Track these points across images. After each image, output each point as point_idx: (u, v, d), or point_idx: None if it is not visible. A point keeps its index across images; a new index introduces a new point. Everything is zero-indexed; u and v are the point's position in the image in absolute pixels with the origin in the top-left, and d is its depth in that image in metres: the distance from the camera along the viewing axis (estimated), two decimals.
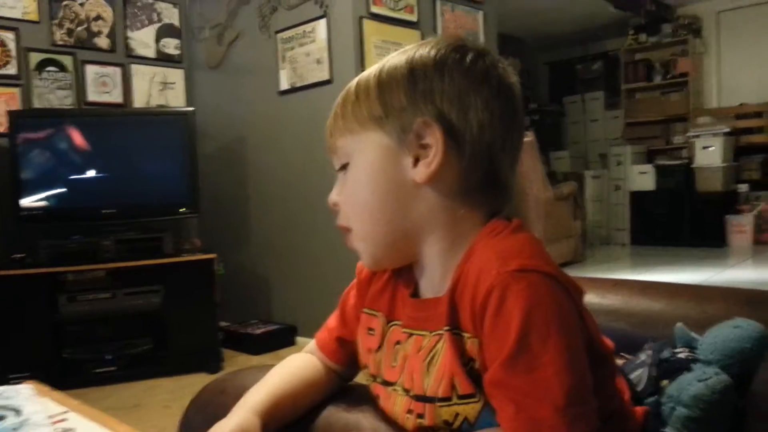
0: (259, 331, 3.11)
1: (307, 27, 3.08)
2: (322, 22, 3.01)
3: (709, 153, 5.68)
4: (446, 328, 0.60)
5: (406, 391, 0.64)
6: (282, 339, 3.16)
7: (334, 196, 0.68)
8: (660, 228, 5.92)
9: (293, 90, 3.21)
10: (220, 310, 2.97)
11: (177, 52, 3.66)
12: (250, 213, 3.52)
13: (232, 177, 3.59)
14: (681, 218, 5.81)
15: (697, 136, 5.84)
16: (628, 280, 1.10)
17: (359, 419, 0.69)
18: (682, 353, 0.85)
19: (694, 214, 5.73)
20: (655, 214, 5.97)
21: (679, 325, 0.90)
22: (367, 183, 0.64)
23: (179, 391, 2.55)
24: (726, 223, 5.64)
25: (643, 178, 6.12)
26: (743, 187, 5.82)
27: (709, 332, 0.86)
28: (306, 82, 3.14)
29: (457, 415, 0.59)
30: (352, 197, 0.66)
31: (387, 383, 0.68)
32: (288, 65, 3.21)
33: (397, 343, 0.67)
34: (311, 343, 0.80)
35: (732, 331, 0.83)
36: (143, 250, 2.86)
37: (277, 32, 3.23)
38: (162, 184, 3.03)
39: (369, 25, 2.96)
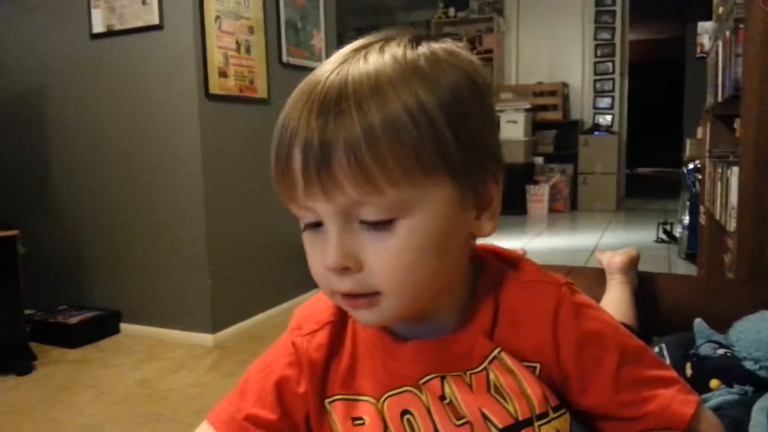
0: (75, 320, 2.62)
1: None
2: None
3: (513, 127, 6.11)
4: (498, 350, 0.53)
5: None
6: (104, 327, 2.71)
7: (340, 259, 0.47)
8: None
9: (110, 34, 2.72)
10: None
11: None
12: (52, 181, 2.93)
13: (28, 137, 2.96)
14: None
15: (503, 111, 6.24)
16: None
17: None
18: (719, 350, 0.80)
19: None
20: None
21: (698, 320, 0.86)
22: (434, 245, 0.48)
23: None
24: (526, 192, 6.15)
25: None
26: (539, 160, 6.38)
27: (740, 328, 0.82)
28: (128, 26, 2.67)
29: None
30: (403, 262, 0.47)
31: None
32: (103, 3, 2.70)
33: (405, 412, 0.54)
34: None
35: None
36: None
37: None
38: None
39: None
